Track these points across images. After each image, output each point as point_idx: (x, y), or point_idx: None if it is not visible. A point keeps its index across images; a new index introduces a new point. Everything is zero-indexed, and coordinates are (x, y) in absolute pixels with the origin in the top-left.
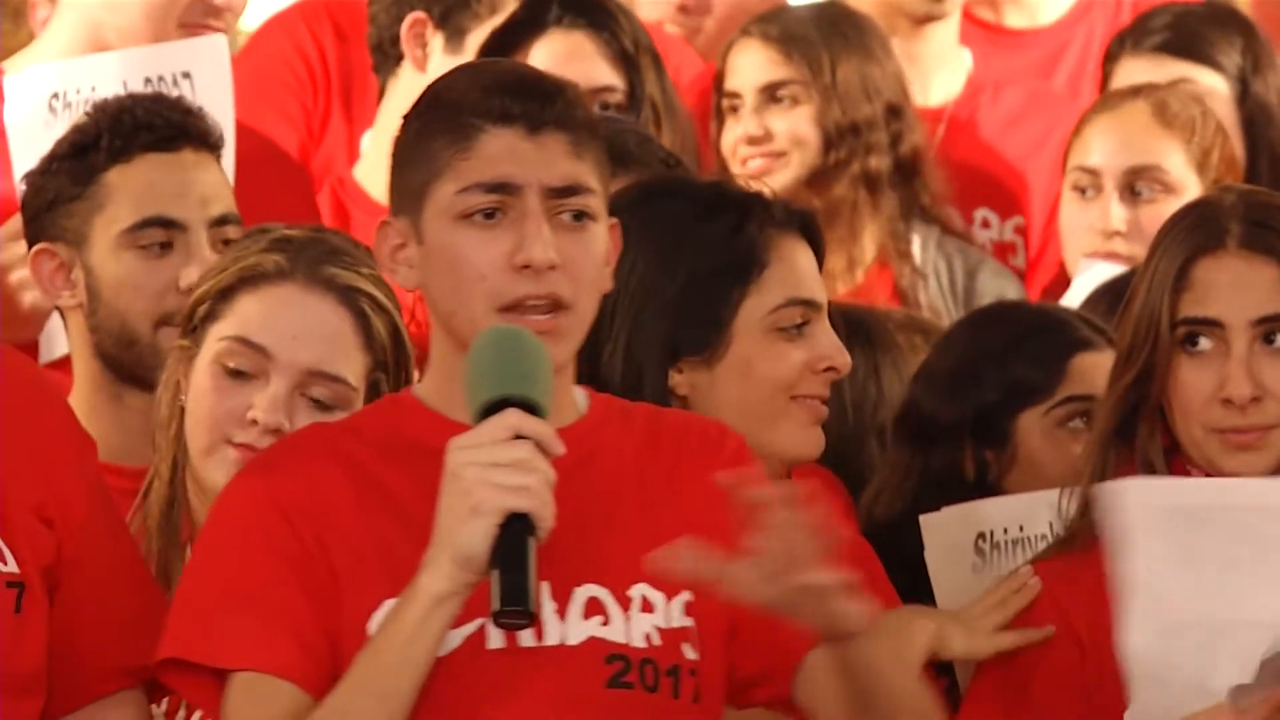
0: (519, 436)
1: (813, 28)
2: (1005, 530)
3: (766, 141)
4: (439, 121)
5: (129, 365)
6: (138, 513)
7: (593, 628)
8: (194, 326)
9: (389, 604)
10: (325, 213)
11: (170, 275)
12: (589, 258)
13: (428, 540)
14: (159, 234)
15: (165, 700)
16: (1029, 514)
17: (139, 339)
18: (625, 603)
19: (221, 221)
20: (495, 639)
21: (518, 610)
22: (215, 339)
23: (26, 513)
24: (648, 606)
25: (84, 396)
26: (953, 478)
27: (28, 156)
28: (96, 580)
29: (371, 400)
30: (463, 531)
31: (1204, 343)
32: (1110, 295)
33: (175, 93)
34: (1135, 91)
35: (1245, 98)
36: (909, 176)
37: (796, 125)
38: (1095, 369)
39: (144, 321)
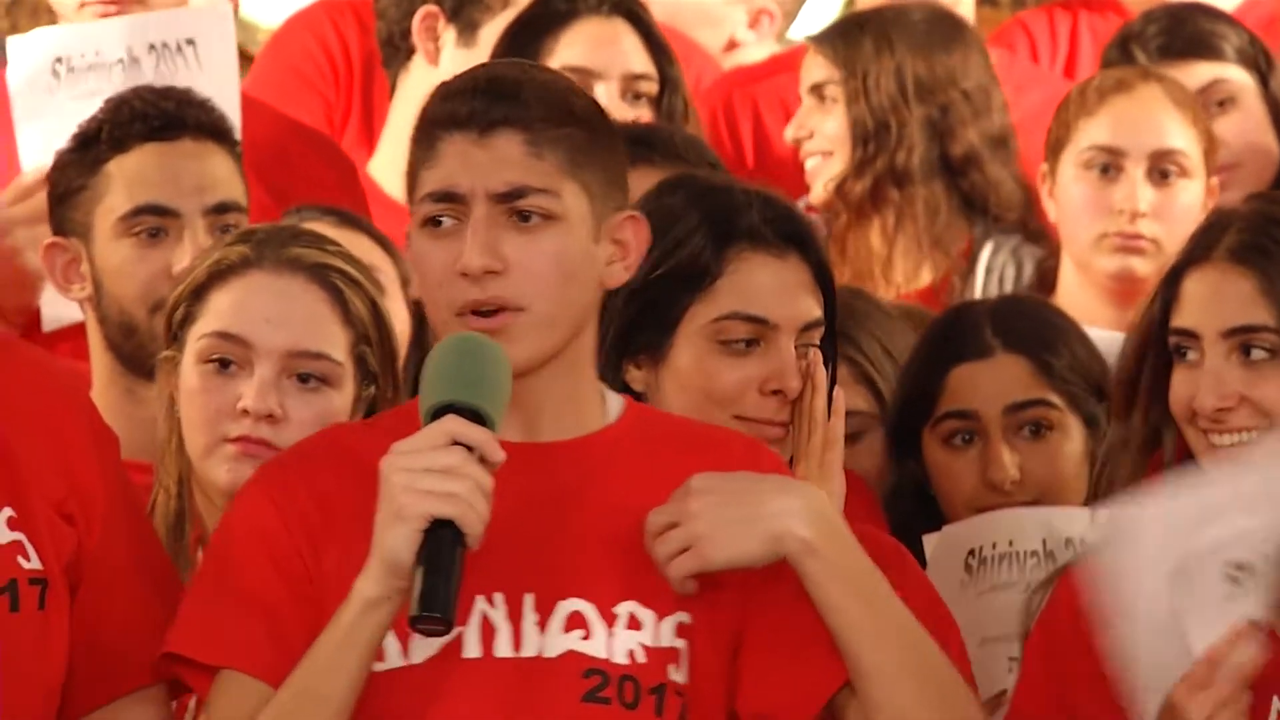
0: (458, 443)
1: (865, 27)
2: (995, 545)
3: (807, 140)
4: (417, 134)
5: (132, 354)
6: None
7: (572, 641)
8: (174, 334)
9: None
10: None
11: (163, 262)
12: (542, 258)
13: None
14: (152, 221)
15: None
16: (1020, 530)
17: (137, 326)
18: (610, 619)
19: (221, 209)
20: (472, 648)
21: (434, 616)
22: (195, 339)
23: (48, 509)
24: (634, 624)
25: (100, 392)
26: (916, 491)
27: (31, 119)
28: (119, 576)
29: (361, 376)
30: (388, 537)
31: (1190, 353)
32: None
33: (179, 60)
34: (1144, 73)
35: (1266, 88)
36: (962, 173)
37: (833, 124)
38: (970, 380)
39: (139, 308)
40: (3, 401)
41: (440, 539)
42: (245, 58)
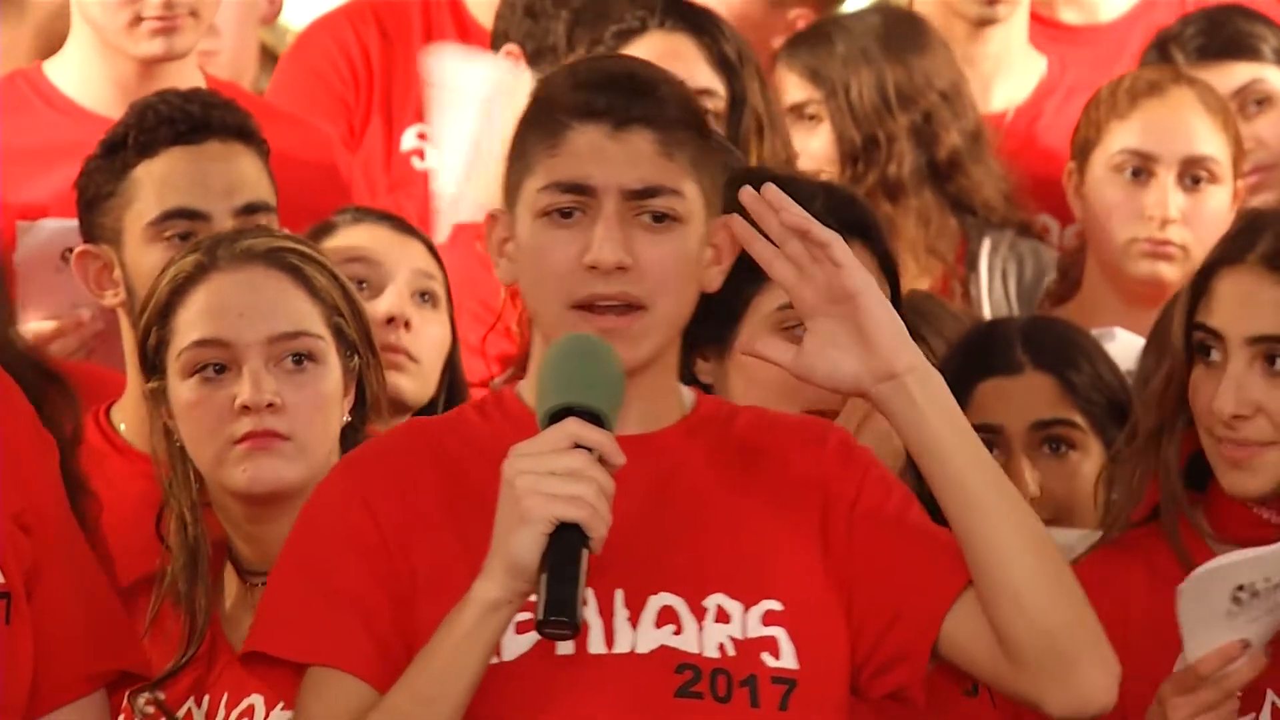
0: (579, 445)
1: (837, 44)
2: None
3: (794, 160)
4: (535, 116)
5: None
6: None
7: (664, 636)
8: (153, 363)
9: None
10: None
11: None
12: (669, 259)
13: None
14: (182, 225)
15: (205, 699)
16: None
17: None
18: (700, 612)
19: (250, 210)
20: (565, 645)
21: (561, 621)
22: (175, 358)
23: (7, 521)
24: (723, 616)
25: (135, 394)
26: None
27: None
28: (62, 585)
29: (343, 347)
30: (513, 539)
31: (1213, 354)
32: None
33: None
34: (1175, 76)
35: None
36: (948, 177)
37: (818, 143)
38: (998, 396)
39: None
40: None
41: (565, 542)
42: (275, 60)
